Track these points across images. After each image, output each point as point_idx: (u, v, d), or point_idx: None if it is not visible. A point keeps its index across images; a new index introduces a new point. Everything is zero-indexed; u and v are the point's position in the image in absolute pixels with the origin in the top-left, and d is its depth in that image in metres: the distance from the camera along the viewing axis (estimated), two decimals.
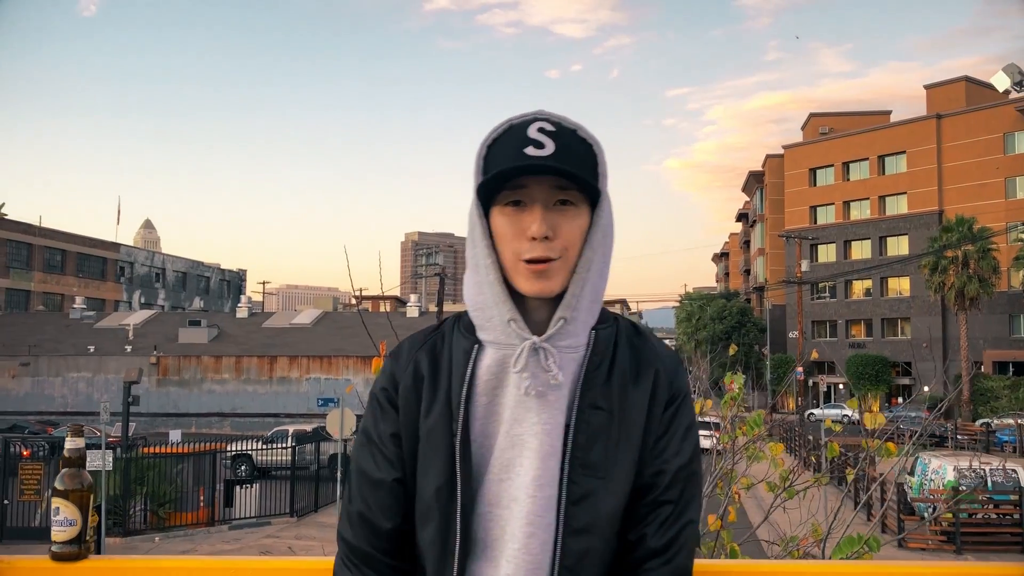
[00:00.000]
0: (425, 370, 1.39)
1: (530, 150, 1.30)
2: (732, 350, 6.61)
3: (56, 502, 1.54)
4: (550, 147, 1.30)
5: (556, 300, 1.36)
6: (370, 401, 1.45)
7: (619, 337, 1.42)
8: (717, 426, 5.73)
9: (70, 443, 1.59)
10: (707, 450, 5.33)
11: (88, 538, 1.57)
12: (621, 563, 1.35)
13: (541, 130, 1.32)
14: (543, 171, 1.30)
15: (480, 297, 1.37)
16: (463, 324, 1.42)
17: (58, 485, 1.54)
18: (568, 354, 1.35)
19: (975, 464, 20.44)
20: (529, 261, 1.31)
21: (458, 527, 1.31)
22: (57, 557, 1.55)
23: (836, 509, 4.71)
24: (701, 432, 1.51)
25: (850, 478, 5.61)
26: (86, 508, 1.57)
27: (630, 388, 1.37)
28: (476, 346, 1.37)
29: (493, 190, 1.34)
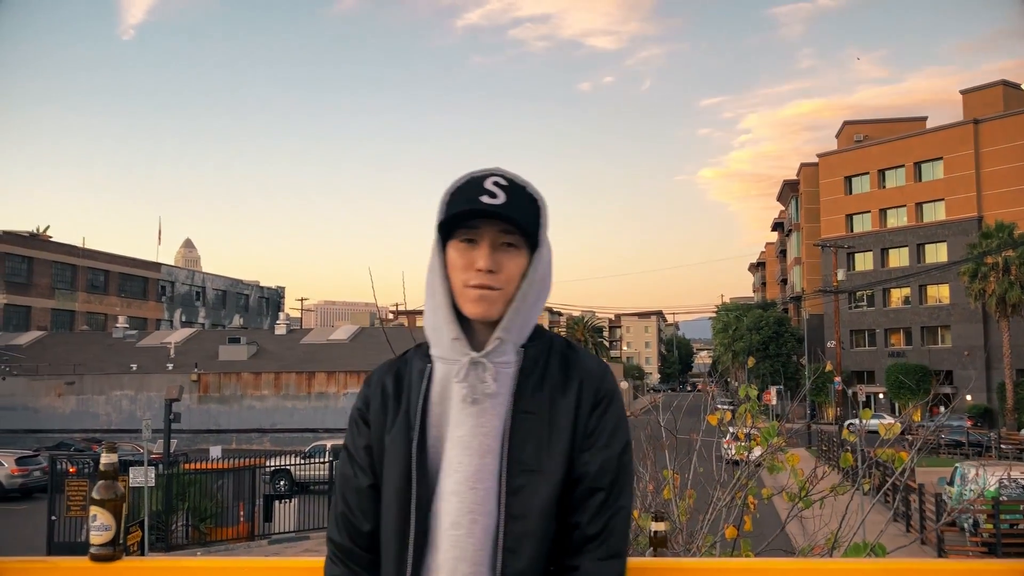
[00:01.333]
0: (390, 390, 1.66)
1: (484, 198, 1.56)
2: (751, 363, 6.75)
3: (93, 510, 1.77)
4: (501, 198, 1.57)
5: (493, 326, 1.60)
6: (349, 420, 1.71)
7: (551, 352, 1.65)
8: (737, 439, 5.86)
9: (105, 458, 1.81)
10: (736, 462, 5.47)
11: (121, 541, 1.79)
12: (561, 547, 1.56)
13: (496, 183, 1.59)
14: (493, 215, 1.56)
15: (433, 318, 1.63)
16: (422, 349, 1.68)
17: (95, 495, 1.77)
18: (504, 369, 1.59)
19: (1015, 474, 20.18)
20: (475, 286, 1.57)
21: (413, 520, 1.54)
22: (95, 558, 1.79)
23: (843, 518, 4.80)
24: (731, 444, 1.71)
25: (866, 487, 5.70)
26: (119, 515, 1.80)
27: (558, 395, 1.60)
28: (429, 365, 1.63)
29: (451, 228, 1.60)
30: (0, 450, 32.34)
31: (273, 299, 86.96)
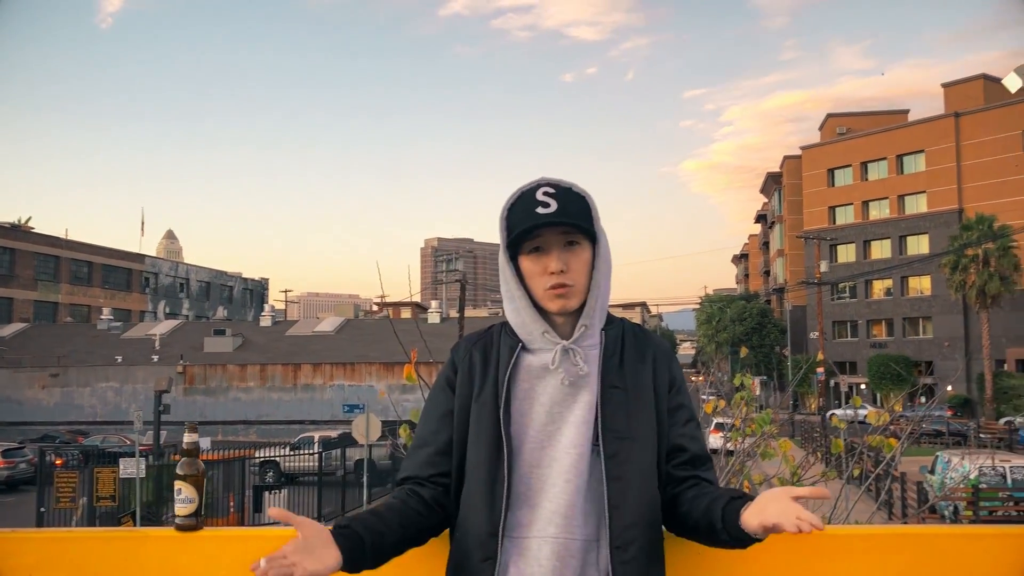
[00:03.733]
0: (478, 361, 1.86)
1: (540, 209, 1.76)
2: (743, 352, 6.95)
3: (178, 484, 1.94)
4: (554, 206, 1.76)
5: (574, 315, 1.83)
6: (435, 384, 1.92)
7: (625, 334, 1.89)
8: (732, 427, 6.05)
9: (187, 437, 1.98)
10: (715, 451, 5.67)
11: (203, 514, 1.97)
12: (673, 492, 1.81)
13: (546, 193, 1.78)
14: (553, 224, 1.76)
15: (519, 319, 1.84)
16: (508, 329, 1.88)
17: (179, 471, 1.94)
18: (590, 351, 1.82)
19: (996, 462, 20.55)
20: (552, 287, 1.78)
21: (505, 476, 1.73)
22: (180, 528, 1.96)
23: (836, 501, 5.00)
24: (717, 433, 1.96)
25: (856, 473, 5.92)
26: (201, 489, 1.97)
27: (639, 369, 1.84)
28: (520, 344, 1.84)
29: (519, 241, 1.80)
30: None
31: (257, 291, 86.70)
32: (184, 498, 1.94)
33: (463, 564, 1.76)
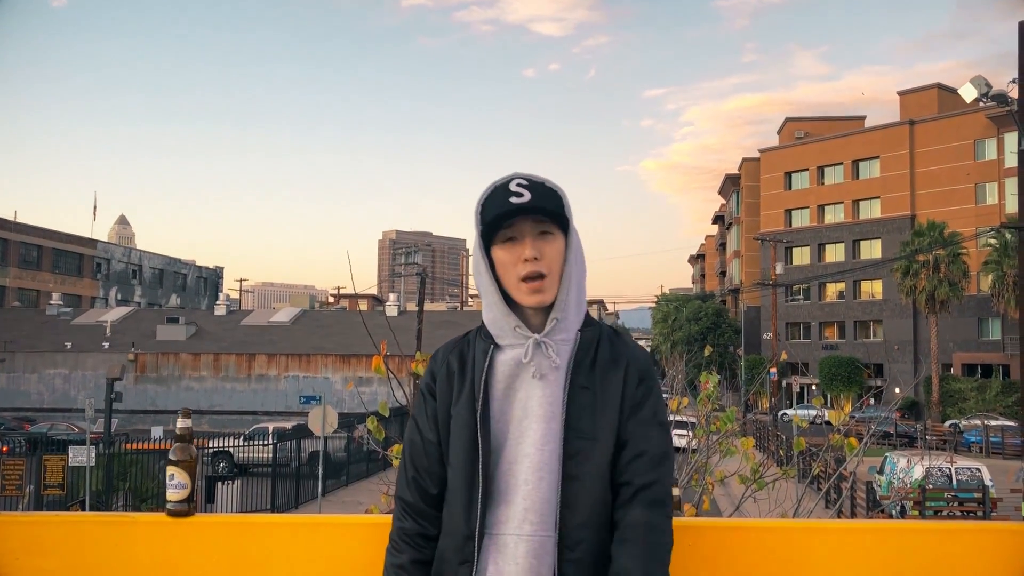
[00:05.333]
0: (455, 367, 1.87)
1: (513, 199, 1.78)
2: (707, 351, 7.04)
3: (171, 469, 1.93)
4: (528, 196, 1.78)
5: (547, 310, 1.83)
6: (417, 392, 1.94)
7: (601, 337, 1.88)
8: (693, 425, 6.13)
9: (180, 423, 1.97)
10: (680, 449, 5.75)
11: (194, 499, 1.95)
12: (616, 503, 1.78)
13: (519, 184, 1.80)
14: (526, 211, 1.78)
15: (491, 314, 1.85)
16: (483, 332, 1.88)
17: (172, 456, 1.93)
18: (562, 345, 1.82)
19: (942, 463, 21.05)
20: (526, 279, 1.78)
21: (480, 479, 1.76)
22: (172, 514, 1.95)
23: (799, 499, 5.10)
24: (676, 431, 1.96)
25: (815, 471, 6.03)
26: (193, 474, 1.96)
27: (610, 373, 1.82)
28: (492, 346, 1.84)
29: (492, 232, 1.81)
30: None
31: (211, 279, 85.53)
32: (177, 483, 1.93)
33: (442, 568, 1.80)
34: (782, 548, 2.01)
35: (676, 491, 2.27)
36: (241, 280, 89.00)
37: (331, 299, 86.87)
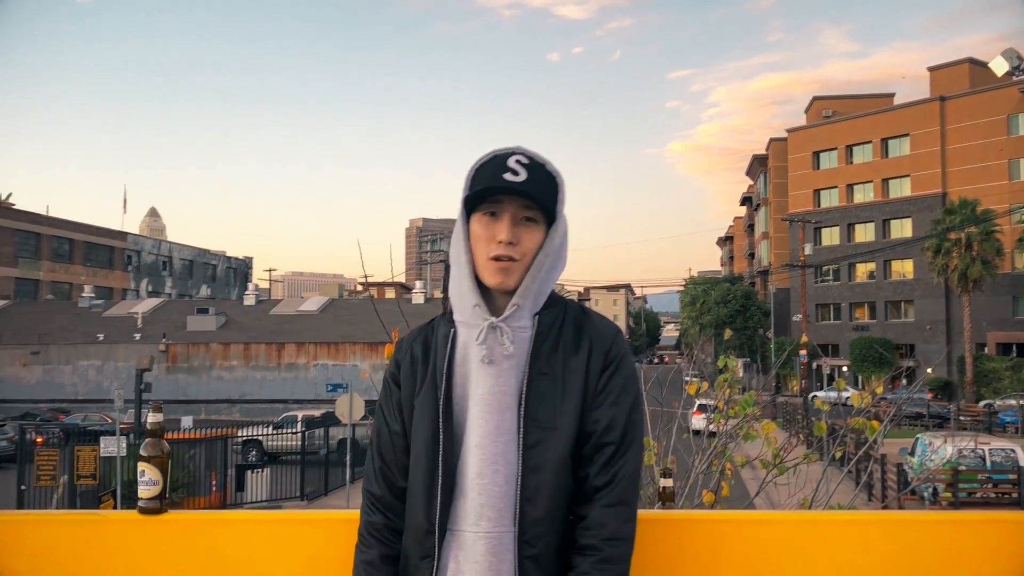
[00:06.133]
0: (419, 354, 1.80)
1: (507, 175, 1.69)
2: (727, 334, 6.95)
3: (141, 466, 1.88)
4: (523, 175, 1.69)
5: (510, 294, 1.74)
6: (383, 382, 1.87)
7: (566, 318, 1.78)
8: (715, 409, 6.03)
9: (151, 417, 1.92)
10: (698, 432, 5.65)
11: (167, 496, 1.90)
12: (575, 497, 1.71)
13: (518, 162, 1.71)
14: (515, 192, 1.69)
15: (458, 286, 1.77)
16: (447, 316, 1.82)
17: (143, 452, 1.88)
18: (521, 333, 1.73)
19: (975, 444, 20.74)
20: (495, 259, 1.70)
21: (440, 471, 1.69)
22: (144, 511, 1.90)
23: (819, 483, 4.99)
24: (700, 415, 1.86)
25: (838, 455, 5.90)
26: (165, 471, 1.90)
27: (571, 356, 1.73)
28: (453, 330, 1.77)
29: (476, 202, 1.73)
30: None
31: (241, 270, 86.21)
32: (148, 480, 1.88)
33: (406, 563, 1.74)
34: (775, 540, 1.94)
35: (669, 482, 2.19)
36: (270, 270, 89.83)
37: (359, 288, 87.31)
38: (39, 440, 23.21)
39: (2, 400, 43.82)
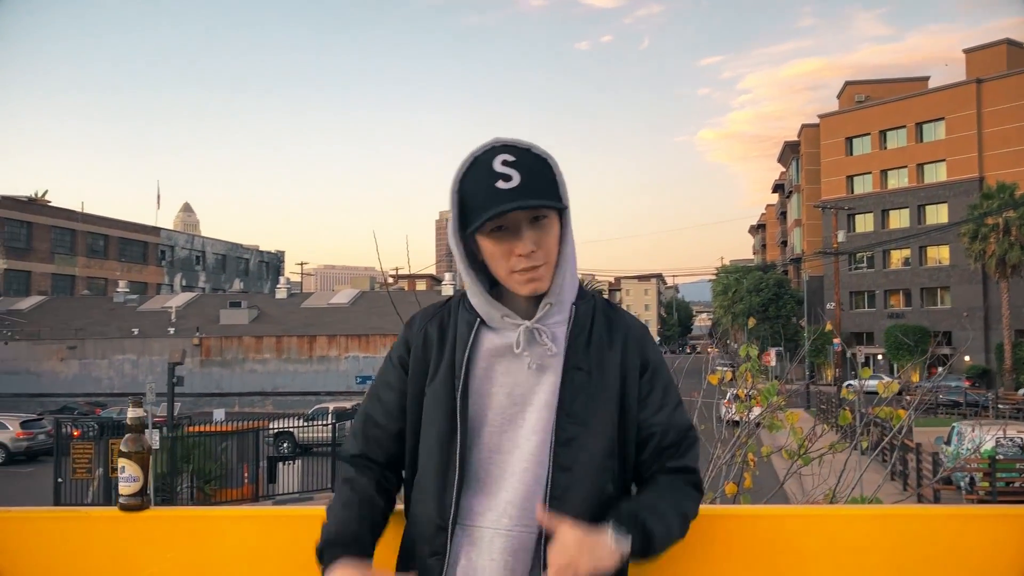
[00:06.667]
0: (434, 339, 1.69)
1: (500, 184, 1.54)
2: (751, 323, 6.83)
3: (121, 462, 1.84)
4: (516, 178, 1.54)
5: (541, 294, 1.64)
6: (386, 361, 1.76)
7: (596, 311, 1.71)
8: (737, 398, 5.94)
9: (132, 412, 1.87)
10: (736, 422, 5.56)
11: (149, 492, 1.86)
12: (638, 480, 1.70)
13: (504, 162, 1.56)
14: (520, 208, 1.53)
15: (477, 300, 1.66)
16: (467, 302, 1.69)
17: (123, 448, 1.83)
18: (557, 328, 1.65)
19: (1012, 432, 20.37)
20: (521, 271, 1.58)
21: (457, 463, 1.60)
22: (124, 508, 1.86)
23: (841, 474, 4.89)
24: (730, 405, 1.82)
25: (864, 445, 5.79)
26: (146, 467, 1.86)
27: (606, 351, 1.66)
28: (478, 320, 1.66)
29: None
30: (4, 414, 32.61)
31: (273, 263, 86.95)
32: (128, 476, 1.84)
33: (412, 555, 1.65)
34: (772, 535, 1.87)
35: None
36: (302, 263, 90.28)
37: (390, 280, 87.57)
38: (76, 433, 23.52)
39: (41, 394, 44.63)
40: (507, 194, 1.53)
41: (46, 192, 66.02)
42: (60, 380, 46.73)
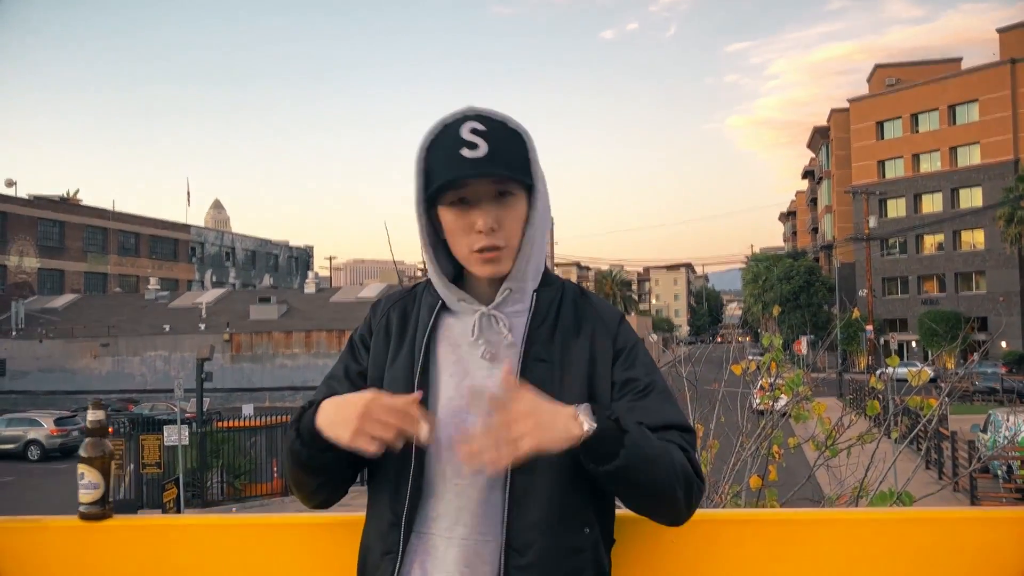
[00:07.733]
0: (395, 324, 1.60)
1: (465, 151, 1.43)
2: (775, 311, 6.69)
3: (81, 468, 1.73)
4: (483, 148, 1.44)
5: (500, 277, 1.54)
6: (348, 343, 1.65)
7: (563, 298, 1.58)
8: (761, 388, 5.78)
9: (91, 415, 1.76)
10: (757, 412, 5.41)
11: (111, 500, 1.75)
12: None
13: (473, 131, 1.45)
14: (483, 175, 1.44)
15: (434, 280, 1.57)
16: (431, 288, 1.60)
17: (82, 453, 1.72)
18: (516, 317, 1.53)
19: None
20: (480, 250, 1.48)
21: (412, 462, 1.46)
22: (85, 517, 1.75)
23: (868, 467, 4.73)
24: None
25: (895, 436, 5.59)
26: (108, 473, 1.75)
27: (571, 342, 1.53)
28: (439, 303, 1.56)
29: (437, 190, 1.48)
30: (39, 411, 33.03)
31: (302, 258, 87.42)
32: (88, 483, 1.73)
33: (367, 558, 1.52)
34: (776, 540, 1.76)
35: None
36: (331, 258, 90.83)
37: (419, 272, 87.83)
38: (109, 430, 23.74)
39: (74, 391, 45.16)
40: (471, 163, 1.43)
41: (77, 191, 66.78)
42: (94, 377, 47.26)
